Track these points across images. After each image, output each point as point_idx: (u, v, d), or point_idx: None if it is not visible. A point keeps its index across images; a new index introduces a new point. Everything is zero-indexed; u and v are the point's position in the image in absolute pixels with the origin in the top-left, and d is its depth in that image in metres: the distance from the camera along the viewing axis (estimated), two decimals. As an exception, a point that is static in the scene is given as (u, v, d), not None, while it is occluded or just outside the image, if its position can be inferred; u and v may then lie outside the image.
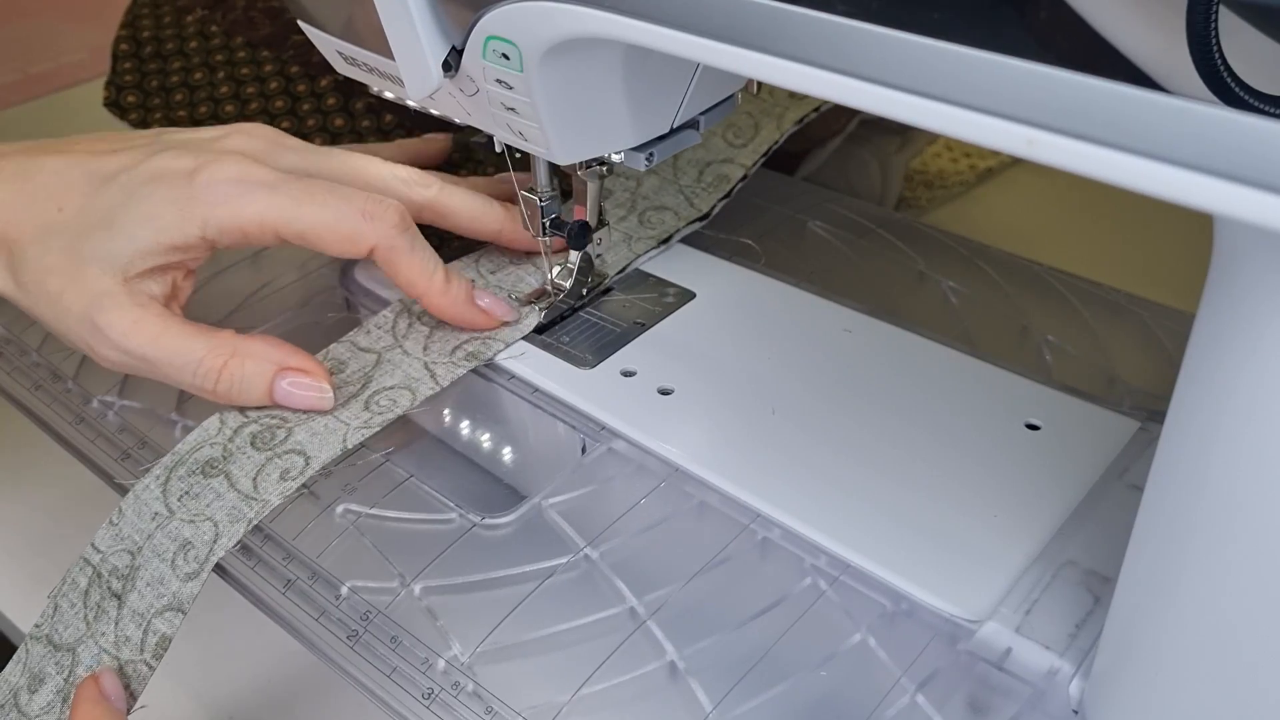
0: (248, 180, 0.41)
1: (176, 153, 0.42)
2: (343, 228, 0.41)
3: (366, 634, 0.36)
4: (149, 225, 0.40)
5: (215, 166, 0.41)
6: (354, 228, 0.41)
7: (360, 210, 0.41)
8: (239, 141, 0.44)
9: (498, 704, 0.34)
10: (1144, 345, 0.46)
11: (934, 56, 0.23)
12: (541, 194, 0.45)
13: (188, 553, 0.37)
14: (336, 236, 0.41)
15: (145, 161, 0.42)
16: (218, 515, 0.38)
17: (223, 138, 0.44)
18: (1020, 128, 0.22)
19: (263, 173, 0.42)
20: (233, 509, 0.38)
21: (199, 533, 0.38)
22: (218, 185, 0.41)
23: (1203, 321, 0.25)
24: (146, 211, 0.40)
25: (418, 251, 0.43)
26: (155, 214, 0.40)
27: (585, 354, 0.46)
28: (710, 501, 0.39)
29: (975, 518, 0.38)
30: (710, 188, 0.54)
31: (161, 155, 0.42)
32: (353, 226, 0.41)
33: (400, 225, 0.42)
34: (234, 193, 0.41)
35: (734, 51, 0.27)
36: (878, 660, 0.34)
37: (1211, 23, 0.22)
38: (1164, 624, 0.28)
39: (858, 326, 0.47)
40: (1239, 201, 0.20)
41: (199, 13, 0.70)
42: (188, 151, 0.42)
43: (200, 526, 0.38)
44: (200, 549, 0.37)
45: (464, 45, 0.37)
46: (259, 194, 0.41)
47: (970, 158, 0.71)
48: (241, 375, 0.40)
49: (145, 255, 0.40)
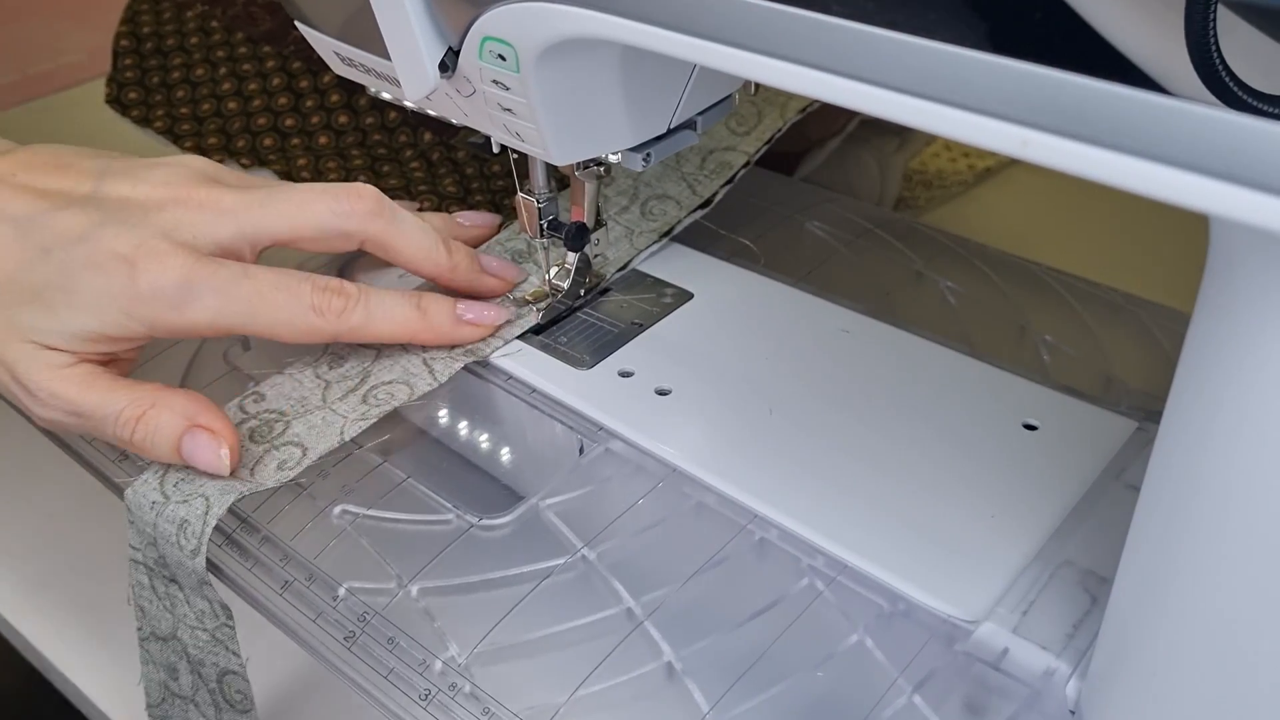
0: (192, 283, 0.39)
1: (115, 230, 0.40)
2: (297, 327, 0.41)
3: (363, 635, 0.36)
4: (89, 315, 0.39)
5: (157, 268, 0.39)
6: (308, 325, 0.41)
7: (310, 306, 0.41)
8: (170, 217, 0.41)
9: (495, 705, 0.34)
10: (1142, 345, 0.46)
11: (930, 57, 0.23)
12: (539, 195, 0.45)
13: (186, 530, 0.38)
14: (294, 334, 0.41)
15: (83, 238, 0.40)
16: (209, 491, 0.39)
17: (158, 209, 0.41)
18: (1016, 128, 0.22)
19: (203, 269, 0.39)
20: (224, 485, 0.39)
21: (192, 510, 0.38)
22: (162, 291, 0.39)
23: (1199, 322, 0.25)
24: (86, 301, 0.39)
25: (376, 313, 0.42)
26: (96, 307, 0.39)
27: (583, 354, 0.46)
28: (708, 502, 0.39)
29: (972, 518, 0.38)
30: (713, 175, 0.54)
31: (98, 230, 0.40)
32: (307, 324, 0.41)
33: (350, 308, 0.41)
34: (180, 299, 0.39)
35: (730, 52, 0.27)
36: (875, 661, 0.34)
37: (1210, 22, 0.22)
38: (1161, 624, 0.28)
39: (856, 326, 0.47)
40: (1235, 202, 0.20)
41: (199, 8, 0.70)
42: (126, 226, 0.40)
43: (193, 504, 0.38)
44: (195, 524, 0.38)
45: (460, 46, 0.37)
46: (207, 299, 0.39)
47: (969, 158, 0.71)
48: (155, 426, 0.39)
49: (83, 340, 0.39)
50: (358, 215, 0.43)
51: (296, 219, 0.42)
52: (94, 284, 0.39)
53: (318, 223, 0.42)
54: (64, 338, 0.39)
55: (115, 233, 0.39)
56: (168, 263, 0.39)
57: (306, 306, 0.41)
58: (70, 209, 0.40)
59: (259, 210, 0.42)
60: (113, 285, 0.39)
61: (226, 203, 0.41)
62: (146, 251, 0.39)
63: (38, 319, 0.39)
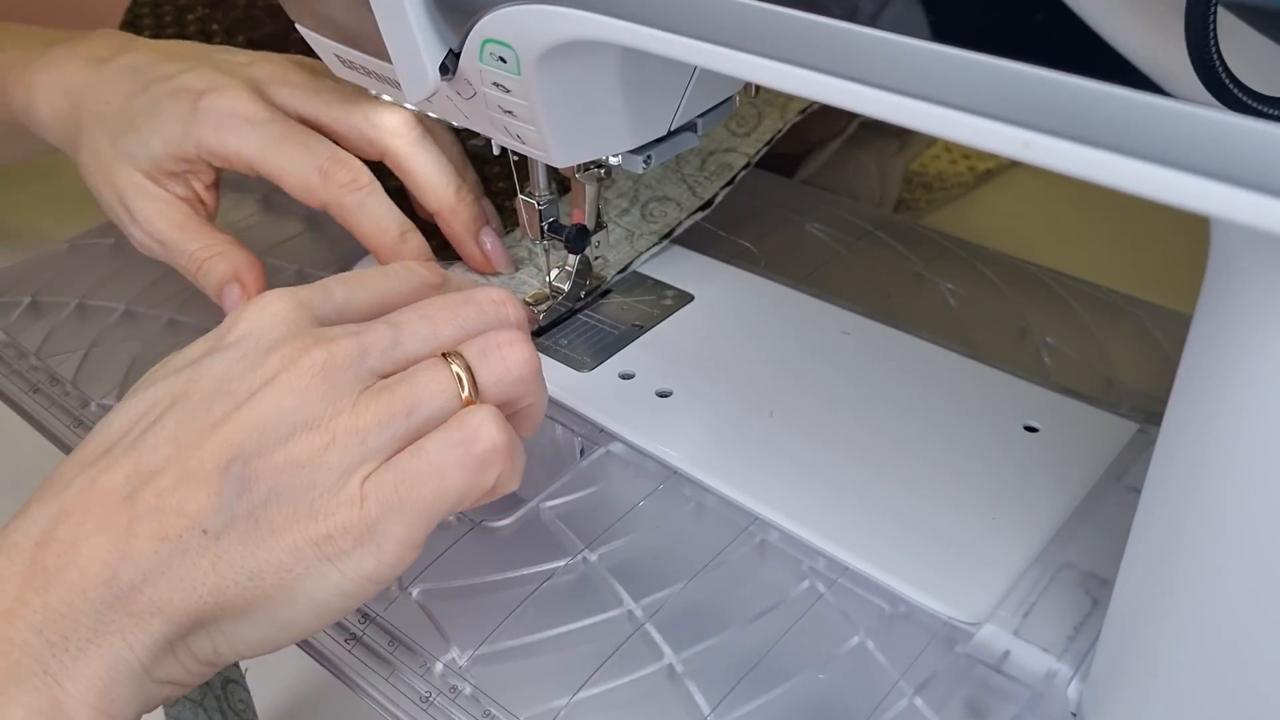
0: (238, 114, 0.46)
1: (200, 72, 0.47)
2: (298, 178, 0.46)
3: (364, 637, 0.36)
4: (160, 135, 0.47)
5: (217, 96, 0.46)
6: (307, 181, 0.46)
7: (317, 167, 0.46)
8: (258, 70, 0.48)
9: (495, 707, 0.33)
10: (1142, 347, 0.46)
11: (930, 59, 0.23)
12: (540, 198, 0.45)
13: None
14: (294, 184, 0.46)
15: (176, 76, 0.48)
16: None
17: (248, 65, 0.49)
18: (1017, 130, 0.22)
19: (255, 108, 0.46)
20: None
21: None
22: (212, 113, 0.46)
23: (1200, 323, 0.25)
24: (160, 123, 0.47)
25: (368, 209, 0.46)
26: (165, 127, 0.46)
27: (584, 356, 0.46)
28: (708, 504, 0.39)
29: (973, 520, 0.38)
30: (713, 176, 0.54)
31: (189, 73, 0.47)
32: (306, 180, 0.46)
33: (351, 186, 0.45)
34: (224, 124, 0.46)
35: (730, 55, 0.27)
36: (876, 663, 0.34)
37: (1210, 23, 0.22)
38: (1162, 626, 0.28)
39: (856, 328, 0.47)
40: (1235, 204, 0.20)
41: (200, 11, 0.70)
42: (209, 71, 0.47)
43: None
44: None
45: (461, 48, 0.37)
46: (242, 130, 0.46)
47: (969, 159, 0.71)
48: (211, 270, 0.46)
49: (158, 160, 0.47)
50: (387, 129, 0.47)
51: (341, 116, 0.47)
52: (168, 108, 0.47)
53: (353, 124, 0.47)
54: (148, 160, 0.47)
55: (200, 74, 0.47)
56: (227, 94, 0.46)
57: (314, 166, 0.45)
58: (175, 61, 0.49)
59: (326, 95, 0.48)
60: (180, 107, 0.46)
61: (311, 85, 0.48)
62: (217, 86, 0.47)
63: (132, 144, 0.47)
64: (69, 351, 0.50)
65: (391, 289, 0.35)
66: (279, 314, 0.32)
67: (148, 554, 0.28)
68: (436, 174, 0.47)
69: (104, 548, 0.28)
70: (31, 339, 0.51)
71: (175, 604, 0.28)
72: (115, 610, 0.28)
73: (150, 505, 0.28)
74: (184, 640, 0.29)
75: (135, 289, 0.53)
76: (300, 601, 0.29)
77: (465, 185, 0.48)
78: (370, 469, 0.29)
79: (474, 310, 0.33)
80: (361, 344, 0.31)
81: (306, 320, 0.32)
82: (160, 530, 0.28)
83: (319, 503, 0.29)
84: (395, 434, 0.30)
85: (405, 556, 0.30)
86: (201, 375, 0.31)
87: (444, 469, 0.30)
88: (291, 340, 0.31)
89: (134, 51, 0.50)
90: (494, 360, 0.31)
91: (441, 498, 0.30)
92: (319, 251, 0.55)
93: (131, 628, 0.28)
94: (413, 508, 0.29)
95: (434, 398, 0.30)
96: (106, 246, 0.57)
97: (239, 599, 0.28)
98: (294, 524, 0.28)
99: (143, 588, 0.28)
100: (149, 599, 0.28)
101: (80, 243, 0.58)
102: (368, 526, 0.29)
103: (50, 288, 0.54)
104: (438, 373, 0.31)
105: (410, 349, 0.32)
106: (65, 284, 0.54)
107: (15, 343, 0.51)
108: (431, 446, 0.30)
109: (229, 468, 0.29)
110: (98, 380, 0.48)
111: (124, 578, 0.28)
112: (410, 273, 0.36)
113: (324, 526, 0.29)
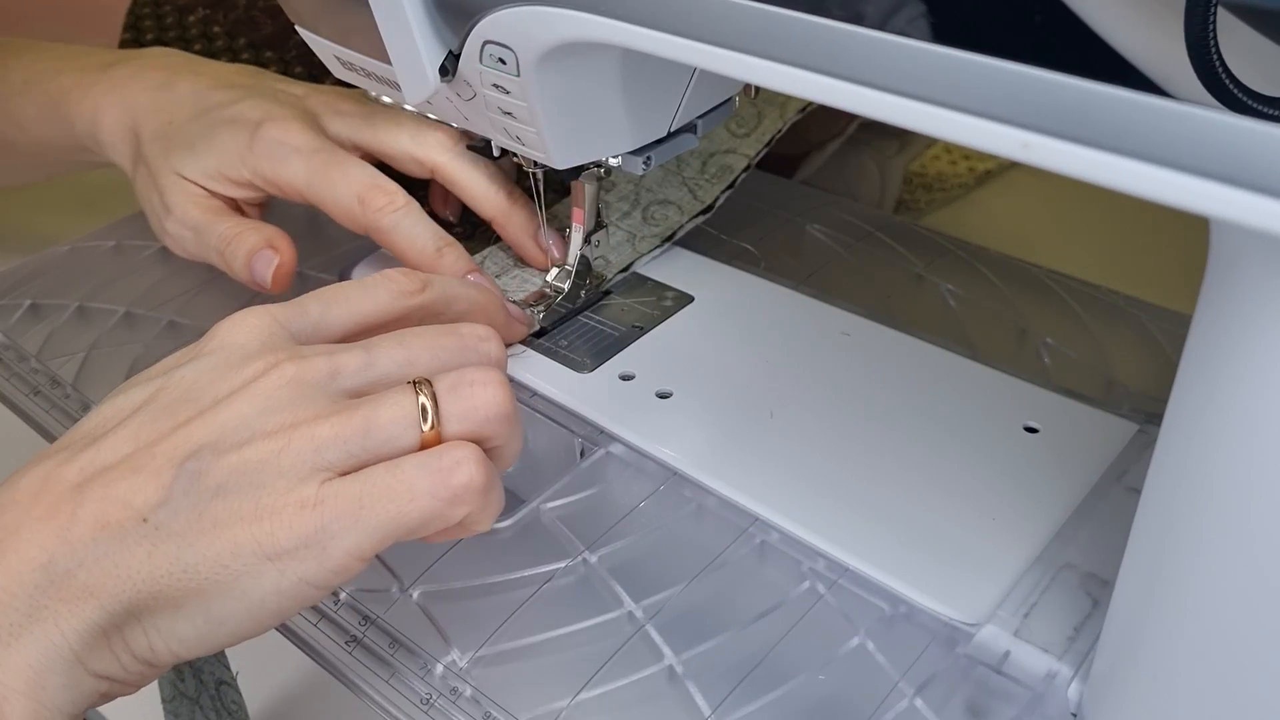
0: (289, 144, 0.48)
1: (257, 101, 0.50)
2: (341, 207, 0.47)
3: (365, 638, 0.36)
4: (215, 157, 0.49)
5: (273, 126, 0.48)
6: (349, 209, 0.47)
7: (356, 195, 0.47)
8: (312, 102, 0.51)
9: (496, 709, 0.33)
10: (1142, 348, 0.46)
11: (929, 60, 0.23)
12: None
13: None
14: (338, 213, 0.47)
15: (235, 104, 0.50)
16: None
17: (304, 97, 0.51)
18: (1016, 131, 0.22)
19: (308, 138, 0.48)
20: None
21: None
22: (268, 142, 0.48)
23: (1200, 324, 0.25)
24: (217, 146, 0.49)
25: (403, 229, 0.47)
26: (221, 150, 0.49)
27: (584, 358, 0.46)
28: (708, 505, 0.39)
29: (973, 521, 0.38)
30: (714, 179, 0.54)
31: (246, 102, 0.50)
32: (349, 208, 0.47)
33: (387, 208, 0.46)
34: (278, 154, 0.48)
35: (730, 56, 0.27)
36: (876, 664, 0.34)
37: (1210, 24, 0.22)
38: (1163, 627, 0.28)
39: (856, 330, 0.46)
40: (1235, 205, 0.20)
41: (200, 12, 0.70)
42: (267, 102, 0.50)
43: None
44: None
45: (461, 50, 0.37)
46: (293, 160, 0.48)
47: (969, 160, 0.71)
48: (240, 241, 0.48)
49: (208, 174, 0.49)
50: (433, 146, 0.48)
51: (388, 140, 0.49)
52: (225, 134, 0.49)
53: (400, 147, 0.49)
54: (197, 172, 0.49)
55: (255, 104, 0.50)
56: (283, 125, 0.48)
57: (354, 194, 0.47)
58: (234, 89, 0.51)
59: (374, 120, 0.50)
60: (238, 139, 0.49)
61: (359, 112, 0.50)
62: (274, 116, 0.49)
63: (184, 159, 0.49)
64: (69, 354, 0.50)
65: (367, 299, 0.35)
66: (255, 329, 0.32)
67: (86, 540, 0.28)
68: (486, 183, 0.48)
69: (45, 534, 0.28)
70: (32, 342, 0.51)
71: (108, 589, 0.28)
72: (48, 595, 0.28)
73: (97, 495, 0.29)
74: (119, 630, 0.29)
75: (135, 292, 0.53)
76: (234, 598, 0.29)
77: (516, 191, 0.49)
78: (326, 477, 0.29)
79: (454, 342, 0.34)
80: (334, 363, 0.31)
81: (282, 336, 0.33)
82: (102, 518, 0.28)
83: (265, 502, 0.29)
84: (350, 451, 0.30)
85: (349, 567, 0.29)
86: (172, 383, 0.31)
87: (415, 491, 0.29)
88: (265, 354, 0.31)
89: (194, 75, 0.52)
90: (463, 396, 0.31)
91: (402, 519, 0.29)
92: (319, 252, 0.55)
93: (65, 613, 0.28)
94: (370, 521, 0.29)
95: (394, 422, 0.30)
96: (107, 249, 0.57)
97: (173, 590, 0.28)
98: (237, 521, 0.28)
99: (77, 572, 0.28)
100: (82, 583, 0.28)
101: (80, 245, 0.58)
102: (316, 530, 0.29)
103: (50, 290, 0.54)
104: (402, 398, 0.31)
105: (382, 371, 0.32)
106: (65, 287, 0.54)
107: (15, 345, 0.51)
108: (408, 466, 0.30)
109: (183, 465, 0.29)
110: (98, 383, 0.48)
111: (60, 563, 0.28)
112: (388, 282, 0.36)
113: (268, 525, 0.28)
